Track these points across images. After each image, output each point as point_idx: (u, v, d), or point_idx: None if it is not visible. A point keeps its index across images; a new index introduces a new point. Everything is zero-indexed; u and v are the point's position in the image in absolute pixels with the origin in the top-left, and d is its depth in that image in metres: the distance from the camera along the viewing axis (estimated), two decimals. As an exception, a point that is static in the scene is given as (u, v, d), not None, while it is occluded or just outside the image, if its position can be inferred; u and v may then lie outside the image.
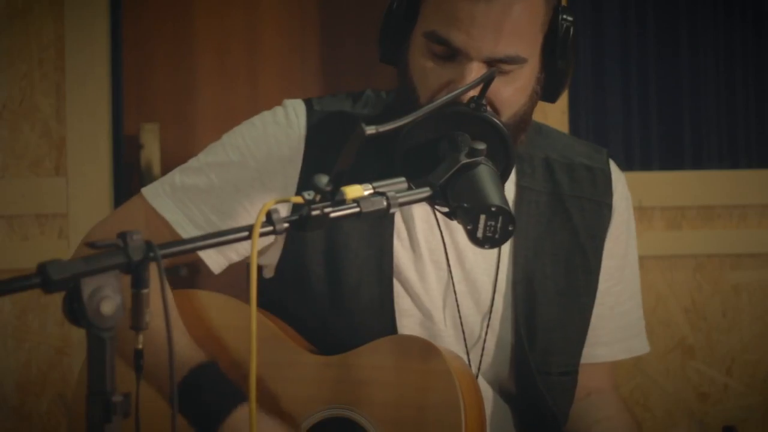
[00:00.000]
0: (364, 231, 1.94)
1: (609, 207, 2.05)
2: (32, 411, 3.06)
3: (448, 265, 1.97)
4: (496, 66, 1.81)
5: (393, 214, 1.92)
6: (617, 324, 2.09)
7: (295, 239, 1.96)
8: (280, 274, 1.99)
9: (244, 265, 2.07)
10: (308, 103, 1.98)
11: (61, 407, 3.06)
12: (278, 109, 1.98)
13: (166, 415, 1.62)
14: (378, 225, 1.94)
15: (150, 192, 1.97)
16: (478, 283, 1.99)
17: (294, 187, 1.93)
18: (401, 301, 1.96)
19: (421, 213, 1.97)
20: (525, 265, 1.98)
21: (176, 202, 1.95)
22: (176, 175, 1.97)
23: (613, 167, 2.08)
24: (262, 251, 2.00)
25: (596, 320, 2.05)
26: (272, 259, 1.99)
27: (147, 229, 1.94)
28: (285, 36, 3.26)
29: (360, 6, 3.25)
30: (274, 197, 1.92)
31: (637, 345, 2.13)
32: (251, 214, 1.94)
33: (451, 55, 1.81)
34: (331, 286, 1.95)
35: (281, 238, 1.97)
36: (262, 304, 1.99)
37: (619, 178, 2.08)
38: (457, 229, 1.97)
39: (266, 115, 1.98)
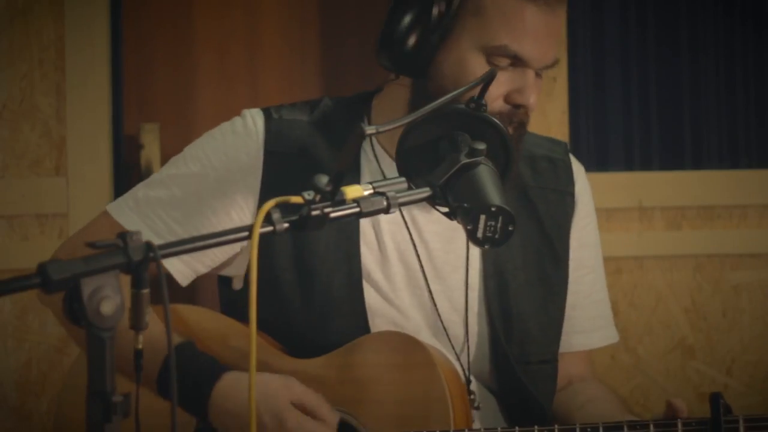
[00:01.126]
0: (332, 235, 1.96)
1: (572, 196, 2.09)
2: (32, 411, 3.06)
3: (421, 265, 1.99)
4: (541, 72, 1.88)
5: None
6: (592, 312, 2.13)
7: (262, 247, 1.97)
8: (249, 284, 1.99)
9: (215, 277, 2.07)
10: (266, 111, 2.00)
11: (61, 407, 3.06)
12: (236, 119, 2.01)
13: (164, 415, 1.62)
14: (344, 228, 1.96)
15: (114, 207, 1.99)
16: (450, 280, 2.01)
17: (256, 195, 1.95)
18: (372, 301, 1.97)
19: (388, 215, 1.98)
20: (495, 259, 2.01)
21: (140, 215, 1.96)
22: (140, 190, 2.00)
23: (573, 159, 2.13)
24: (227, 262, 2.01)
25: (571, 309, 2.09)
26: (240, 269, 2.01)
27: None
28: (285, 36, 3.25)
29: (360, 6, 3.25)
30: (235, 205, 1.95)
31: (611, 333, 2.17)
32: (213, 223, 1.95)
33: (512, 64, 1.86)
34: (302, 291, 1.96)
35: (247, 248, 1.98)
36: (235, 316, 2.00)
37: (579, 169, 2.13)
38: (426, 229, 2.00)
39: (225, 126, 2.01)
